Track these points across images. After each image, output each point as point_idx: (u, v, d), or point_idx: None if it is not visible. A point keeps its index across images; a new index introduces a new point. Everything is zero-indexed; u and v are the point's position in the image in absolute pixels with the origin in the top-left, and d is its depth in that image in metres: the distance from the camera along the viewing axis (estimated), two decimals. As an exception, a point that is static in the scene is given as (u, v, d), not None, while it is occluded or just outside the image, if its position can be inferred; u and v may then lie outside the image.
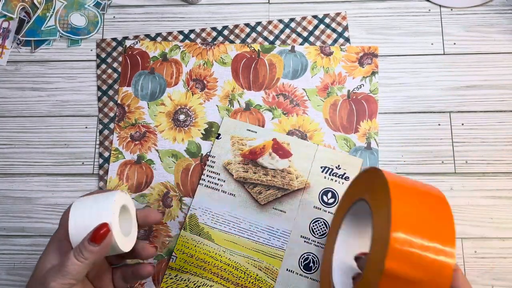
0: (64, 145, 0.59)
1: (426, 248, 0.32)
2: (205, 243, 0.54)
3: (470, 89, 0.58)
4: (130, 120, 0.59)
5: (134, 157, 0.58)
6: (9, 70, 0.62)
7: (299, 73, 0.59)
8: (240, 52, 0.60)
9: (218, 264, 0.53)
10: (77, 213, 0.36)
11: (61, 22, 0.63)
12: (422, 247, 0.32)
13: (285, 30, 0.61)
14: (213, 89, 0.59)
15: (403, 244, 0.32)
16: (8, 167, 0.59)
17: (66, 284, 0.35)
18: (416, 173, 0.56)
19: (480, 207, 0.55)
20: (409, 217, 0.33)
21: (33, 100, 0.61)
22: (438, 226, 0.33)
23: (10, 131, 0.60)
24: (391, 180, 0.36)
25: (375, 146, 0.56)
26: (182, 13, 0.63)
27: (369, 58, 0.59)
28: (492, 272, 0.53)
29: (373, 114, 0.57)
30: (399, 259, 0.32)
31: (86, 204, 0.37)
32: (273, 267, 0.53)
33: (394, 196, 0.34)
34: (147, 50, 0.61)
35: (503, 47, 0.59)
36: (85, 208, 0.36)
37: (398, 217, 0.33)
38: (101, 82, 0.61)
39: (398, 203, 0.33)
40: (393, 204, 0.33)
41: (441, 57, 0.59)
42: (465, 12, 0.60)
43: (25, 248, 0.56)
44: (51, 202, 0.57)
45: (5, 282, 0.55)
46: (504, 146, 0.56)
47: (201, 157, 0.57)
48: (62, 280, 0.34)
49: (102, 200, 0.37)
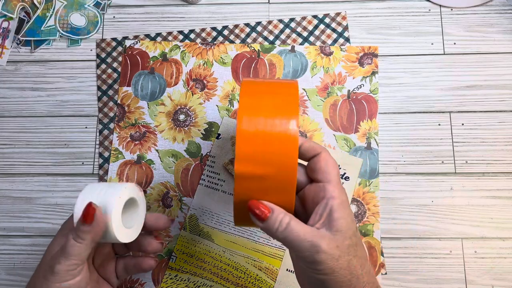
0: (64, 145, 0.59)
1: (268, 124, 0.35)
2: (205, 243, 0.54)
3: (470, 89, 0.58)
4: (130, 120, 0.59)
5: (134, 157, 0.58)
6: (9, 70, 0.62)
7: (299, 73, 0.59)
8: (240, 52, 0.60)
9: (218, 264, 0.53)
10: (84, 197, 0.37)
11: (61, 22, 0.63)
12: (265, 123, 0.35)
13: (285, 30, 0.61)
14: (213, 89, 0.59)
15: (247, 133, 0.35)
16: (8, 167, 0.59)
17: (71, 265, 0.36)
18: (416, 173, 0.56)
19: (480, 207, 0.55)
20: (254, 107, 0.36)
21: (33, 100, 0.61)
22: (281, 105, 0.36)
23: (10, 131, 0.60)
24: (245, 80, 0.38)
25: (375, 146, 0.56)
26: (182, 13, 0.63)
27: (369, 58, 0.59)
28: (492, 272, 0.53)
29: (373, 114, 0.57)
30: (245, 160, 0.34)
31: (95, 189, 0.38)
32: (273, 267, 0.53)
33: (242, 94, 0.36)
34: (147, 50, 0.61)
35: (503, 47, 0.59)
36: (92, 193, 0.37)
37: (244, 110, 0.35)
38: (101, 82, 0.61)
39: (244, 98, 0.36)
40: (240, 99, 0.36)
41: (441, 57, 0.59)
42: (465, 12, 0.60)
43: (25, 248, 0.56)
44: (51, 202, 0.57)
45: (5, 282, 0.55)
46: (504, 146, 0.56)
47: (201, 157, 0.57)
48: (66, 261, 0.36)
49: (111, 188, 0.38)
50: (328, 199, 0.36)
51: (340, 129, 0.57)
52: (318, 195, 0.37)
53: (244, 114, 0.35)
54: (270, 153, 0.34)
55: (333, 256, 0.34)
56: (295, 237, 0.34)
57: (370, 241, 0.54)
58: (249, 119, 0.35)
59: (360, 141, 0.57)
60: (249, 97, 0.36)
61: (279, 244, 0.53)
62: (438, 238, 0.54)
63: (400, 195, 0.55)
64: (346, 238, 0.35)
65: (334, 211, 0.35)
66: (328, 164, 0.37)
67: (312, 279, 0.35)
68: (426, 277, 0.53)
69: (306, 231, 0.34)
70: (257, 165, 0.35)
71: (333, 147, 0.56)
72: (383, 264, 0.53)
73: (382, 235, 0.54)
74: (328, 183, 0.36)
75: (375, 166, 0.56)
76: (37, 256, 0.56)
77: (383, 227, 0.54)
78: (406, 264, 0.53)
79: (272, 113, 0.35)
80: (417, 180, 0.56)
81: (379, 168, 0.56)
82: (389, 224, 0.55)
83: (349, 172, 0.55)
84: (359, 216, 0.54)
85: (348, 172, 0.55)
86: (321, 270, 0.34)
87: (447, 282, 0.53)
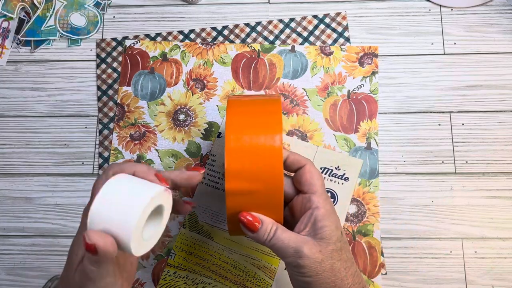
0: (64, 145, 0.59)
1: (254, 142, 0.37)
2: (204, 241, 0.54)
3: (470, 89, 0.58)
4: (129, 119, 0.59)
5: (133, 157, 0.58)
6: (9, 70, 0.62)
7: (299, 73, 0.59)
8: (240, 52, 0.60)
9: (217, 262, 0.53)
10: (105, 197, 0.32)
11: (61, 22, 0.63)
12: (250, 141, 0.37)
13: (285, 30, 0.61)
14: (213, 89, 0.59)
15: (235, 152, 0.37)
16: (8, 167, 0.59)
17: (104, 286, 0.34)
18: (416, 173, 0.56)
19: (480, 207, 0.55)
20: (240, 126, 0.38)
21: (32, 100, 0.61)
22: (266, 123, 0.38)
23: (10, 131, 0.60)
24: (230, 99, 0.40)
25: (375, 146, 0.56)
26: (182, 13, 0.63)
27: (369, 58, 0.59)
28: (492, 272, 0.53)
29: (373, 114, 0.57)
30: (235, 177, 0.37)
31: (120, 189, 0.32)
32: (271, 266, 0.53)
33: (228, 113, 0.38)
34: (147, 50, 0.61)
35: (503, 47, 0.59)
36: (115, 194, 0.32)
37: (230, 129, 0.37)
38: (101, 82, 0.61)
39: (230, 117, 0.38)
40: (227, 119, 0.38)
41: (441, 57, 0.59)
42: (465, 12, 0.60)
43: (25, 248, 0.56)
44: (51, 202, 0.57)
45: (4, 282, 0.55)
46: (504, 146, 0.56)
47: (201, 157, 0.57)
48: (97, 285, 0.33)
49: (137, 192, 0.32)
50: (313, 209, 0.39)
51: (340, 129, 0.57)
52: (305, 205, 0.40)
53: (231, 133, 0.37)
54: (257, 168, 0.37)
55: (315, 260, 0.37)
56: (280, 244, 0.38)
57: (370, 241, 0.54)
58: (236, 137, 0.37)
59: (360, 141, 0.56)
60: (235, 116, 0.39)
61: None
62: (438, 238, 0.54)
63: (400, 195, 0.55)
64: (330, 244, 0.38)
65: (318, 221, 0.38)
66: (312, 176, 0.40)
67: (299, 282, 0.38)
68: (426, 277, 0.53)
69: (290, 238, 0.38)
70: (246, 181, 0.37)
71: (333, 147, 0.56)
72: (383, 264, 0.53)
73: (382, 235, 0.54)
74: (313, 194, 0.39)
75: (375, 166, 0.56)
76: (37, 256, 0.56)
77: (383, 227, 0.54)
78: (406, 264, 0.53)
79: (257, 131, 0.38)
80: (417, 180, 0.56)
81: (379, 168, 0.56)
82: (389, 224, 0.54)
83: (348, 173, 0.55)
84: (359, 216, 0.54)
85: (348, 173, 0.55)
86: (305, 273, 0.37)
87: (447, 282, 0.53)
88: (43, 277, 0.55)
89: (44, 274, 0.55)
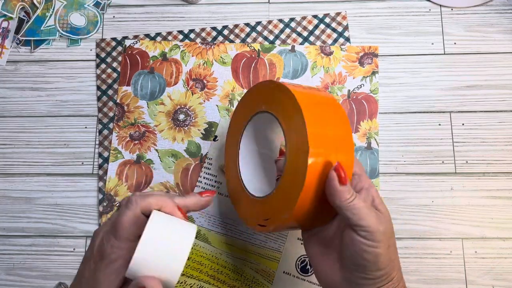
0: (64, 145, 0.59)
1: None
2: (201, 245, 0.54)
3: (470, 89, 0.58)
4: (129, 119, 0.59)
5: (133, 157, 0.58)
6: (8, 70, 0.62)
7: (299, 73, 0.59)
8: (240, 52, 0.60)
9: (215, 267, 0.53)
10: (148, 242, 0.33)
11: (61, 22, 0.63)
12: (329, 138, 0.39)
13: (285, 30, 0.61)
14: (213, 89, 0.59)
15: (317, 136, 0.38)
16: (7, 167, 0.59)
17: None
18: (416, 173, 0.56)
19: (480, 207, 0.54)
20: (317, 119, 0.39)
21: (32, 100, 0.61)
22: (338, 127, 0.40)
23: (10, 131, 0.60)
24: (292, 89, 0.40)
25: (375, 146, 0.56)
26: (182, 13, 0.63)
27: (369, 58, 0.59)
28: (492, 273, 0.53)
29: (373, 114, 0.57)
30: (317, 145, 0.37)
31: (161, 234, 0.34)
32: (269, 270, 0.53)
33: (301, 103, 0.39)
34: (146, 49, 0.61)
35: (503, 47, 0.59)
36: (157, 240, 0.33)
37: (310, 119, 0.38)
38: (101, 82, 0.61)
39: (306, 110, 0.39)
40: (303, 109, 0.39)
41: (441, 57, 0.59)
42: (465, 12, 0.60)
43: (25, 248, 0.56)
44: (50, 202, 0.57)
45: (4, 282, 0.55)
46: (504, 146, 0.56)
47: (201, 157, 0.57)
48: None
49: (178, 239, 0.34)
50: (367, 189, 0.39)
51: (340, 129, 0.57)
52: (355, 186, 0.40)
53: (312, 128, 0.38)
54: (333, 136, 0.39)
55: (386, 236, 0.36)
56: (358, 211, 0.36)
57: (370, 241, 0.54)
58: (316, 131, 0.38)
59: (360, 141, 0.56)
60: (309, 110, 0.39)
61: (275, 247, 0.53)
62: (438, 238, 0.54)
63: (400, 195, 0.55)
64: (389, 222, 0.37)
65: (376, 197, 0.39)
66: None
67: (363, 252, 0.36)
68: (426, 277, 0.53)
69: (369, 208, 0.37)
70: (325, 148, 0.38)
71: (333, 147, 0.56)
72: (383, 264, 0.53)
73: (382, 235, 0.54)
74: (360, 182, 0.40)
75: (375, 166, 0.56)
76: (37, 256, 0.56)
77: (383, 227, 0.54)
78: (406, 264, 0.53)
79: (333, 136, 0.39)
80: (417, 180, 0.56)
81: (379, 168, 0.56)
82: (389, 224, 0.54)
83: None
84: (359, 216, 0.54)
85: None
86: (376, 246, 0.35)
87: (447, 282, 0.53)
88: (43, 277, 0.55)
89: (44, 274, 0.55)
